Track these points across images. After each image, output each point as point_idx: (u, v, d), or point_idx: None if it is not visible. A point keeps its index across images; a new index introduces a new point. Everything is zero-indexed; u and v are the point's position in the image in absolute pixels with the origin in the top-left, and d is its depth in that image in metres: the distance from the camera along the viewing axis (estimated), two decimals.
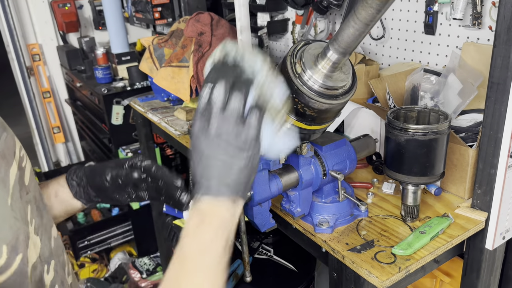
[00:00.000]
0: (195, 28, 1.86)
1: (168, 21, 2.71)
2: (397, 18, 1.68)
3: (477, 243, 1.12)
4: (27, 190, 0.64)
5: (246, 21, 1.31)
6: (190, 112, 1.92)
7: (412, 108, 1.09)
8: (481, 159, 1.06)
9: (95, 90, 2.62)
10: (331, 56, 0.77)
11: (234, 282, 1.42)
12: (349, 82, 0.83)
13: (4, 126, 0.63)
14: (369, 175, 1.32)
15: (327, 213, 1.08)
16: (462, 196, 1.17)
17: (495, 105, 0.99)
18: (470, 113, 1.32)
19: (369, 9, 0.67)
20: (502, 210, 1.06)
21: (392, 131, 1.02)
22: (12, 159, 0.62)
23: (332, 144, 1.06)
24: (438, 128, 0.98)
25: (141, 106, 2.17)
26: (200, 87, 1.85)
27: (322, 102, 0.80)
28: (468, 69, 1.32)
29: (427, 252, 0.98)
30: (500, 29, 0.94)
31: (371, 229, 1.07)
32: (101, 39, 3.55)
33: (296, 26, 2.18)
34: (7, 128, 0.64)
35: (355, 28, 0.71)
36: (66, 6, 3.35)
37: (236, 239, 1.67)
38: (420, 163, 1.01)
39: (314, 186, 1.06)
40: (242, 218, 1.01)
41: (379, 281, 0.91)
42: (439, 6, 1.51)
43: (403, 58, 1.72)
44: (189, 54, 1.86)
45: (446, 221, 1.05)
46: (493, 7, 1.35)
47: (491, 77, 0.98)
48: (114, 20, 2.75)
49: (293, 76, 0.79)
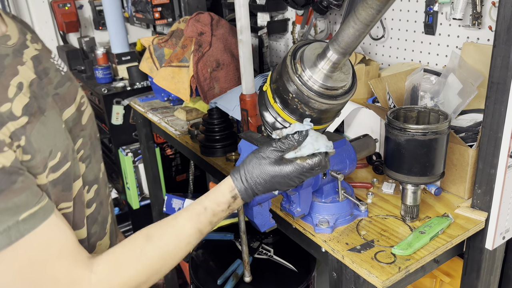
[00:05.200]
0: (195, 28, 1.86)
1: (168, 21, 2.71)
2: (397, 18, 1.68)
3: (477, 243, 1.12)
4: (82, 128, 0.83)
5: (246, 21, 1.31)
6: (190, 112, 1.92)
7: (412, 108, 1.09)
8: (481, 159, 1.06)
9: (95, 90, 2.63)
10: (331, 56, 0.77)
11: (234, 282, 1.42)
12: (349, 82, 0.83)
13: (70, 78, 0.85)
14: (369, 175, 1.32)
15: (327, 213, 1.08)
16: (462, 196, 1.17)
17: (495, 105, 0.99)
18: (470, 113, 1.32)
19: (369, 9, 0.67)
20: (502, 210, 1.07)
21: (392, 131, 1.02)
22: (72, 102, 0.81)
23: None
24: (438, 128, 0.98)
25: (141, 106, 2.17)
26: (200, 87, 1.85)
27: (322, 102, 0.80)
28: (468, 69, 1.32)
29: (427, 252, 0.98)
30: (500, 29, 0.94)
31: (371, 229, 1.07)
32: (101, 39, 3.55)
33: (296, 26, 2.18)
34: (73, 79, 0.85)
35: (355, 29, 0.71)
36: (66, 6, 3.35)
37: (236, 239, 1.67)
38: (420, 163, 1.01)
39: (314, 186, 1.06)
40: (242, 218, 1.01)
41: (379, 281, 0.91)
42: (439, 6, 1.51)
43: (403, 58, 1.72)
44: (189, 54, 1.86)
45: (446, 221, 1.05)
46: (493, 7, 1.35)
47: (491, 77, 0.99)
48: (114, 20, 2.75)
49: (293, 76, 0.79)
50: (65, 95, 0.80)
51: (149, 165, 2.48)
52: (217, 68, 1.86)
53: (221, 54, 1.86)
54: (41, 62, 0.77)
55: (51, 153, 0.70)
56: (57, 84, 0.79)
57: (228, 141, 1.57)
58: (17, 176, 0.64)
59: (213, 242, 1.70)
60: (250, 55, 1.35)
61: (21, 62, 0.72)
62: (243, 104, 1.39)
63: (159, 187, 2.55)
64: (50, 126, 0.71)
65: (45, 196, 0.68)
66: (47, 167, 0.70)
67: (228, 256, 1.57)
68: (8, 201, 0.62)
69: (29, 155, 0.67)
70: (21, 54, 0.73)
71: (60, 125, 0.75)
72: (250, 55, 1.35)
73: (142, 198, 2.75)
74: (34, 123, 0.68)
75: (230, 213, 0.83)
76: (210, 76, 1.85)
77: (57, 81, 0.79)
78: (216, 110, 1.59)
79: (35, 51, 0.77)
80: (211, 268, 1.55)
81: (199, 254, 1.64)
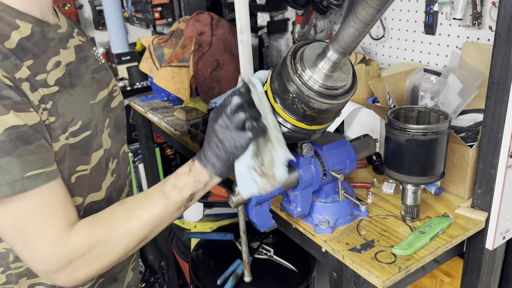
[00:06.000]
0: (195, 28, 1.86)
1: (168, 21, 2.71)
2: (397, 18, 1.68)
3: (477, 243, 1.12)
4: (110, 110, 0.98)
5: (246, 21, 1.31)
6: (190, 112, 1.92)
7: (412, 108, 1.09)
8: (481, 159, 1.06)
9: None
10: (331, 56, 0.77)
11: (234, 282, 1.42)
12: (349, 82, 0.83)
13: (106, 68, 1.02)
14: (369, 175, 1.32)
15: (327, 213, 1.08)
16: (462, 196, 1.17)
17: (495, 105, 0.99)
18: (470, 113, 1.32)
19: (369, 9, 0.67)
20: (502, 210, 1.06)
21: (392, 131, 1.02)
22: (105, 87, 0.97)
23: (332, 144, 1.06)
24: (438, 128, 0.98)
25: (141, 106, 2.17)
26: (200, 87, 1.85)
27: (322, 102, 0.80)
28: (468, 69, 1.32)
29: (427, 252, 0.98)
30: (500, 29, 0.94)
31: (371, 229, 1.07)
32: (101, 39, 3.55)
33: (296, 26, 2.18)
34: (108, 70, 1.03)
35: (355, 28, 0.71)
36: (66, 6, 3.35)
37: (236, 239, 1.67)
38: (420, 163, 1.01)
39: (314, 186, 1.06)
40: (242, 218, 1.01)
41: (379, 281, 0.91)
42: (439, 6, 1.51)
43: (403, 58, 1.72)
44: (189, 54, 1.86)
45: (446, 221, 1.05)
46: (493, 7, 1.35)
47: (491, 77, 0.98)
48: (114, 20, 2.75)
49: (293, 76, 0.79)
50: (100, 80, 0.97)
51: (149, 165, 2.48)
52: (217, 68, 1.86)
53: (221, 54, 1.86)
54: (82, 51, 0.94)
55: (73, 120, 0.84)
56: (94, 70, 0.96)
57: None
58: (34, 139, 0.75)
59: (213, 242, 1.70)
60: (250, 55, 1.35)
61: (65, 47, 0.89)
62: None
63: None
64: (76, 99, 0.85)
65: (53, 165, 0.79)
66: (67, 130, 0.83)
67: (228, 256, 1.57)
68: (21, 157, 0.72)
69: (54, 117, 0.80)
70: (66, 41, 0.90)
71: (88, 101, 0.89)
72: (250, 55, 1.35)
73: None
74: (63, 92, 0.82)
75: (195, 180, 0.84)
76: (210, 76, 1.85)
77: (94, 68, 0.96)
78: None
79: (79, 41, 0.95)
80: (211, 268, 1.55)
81: (199, 254, 1.64)
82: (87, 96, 0.90)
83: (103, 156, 0.94)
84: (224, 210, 2.15)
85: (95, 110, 0.91)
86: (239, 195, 0.92)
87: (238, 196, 0.93)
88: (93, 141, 0.90)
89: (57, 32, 0.88)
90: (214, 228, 1.94)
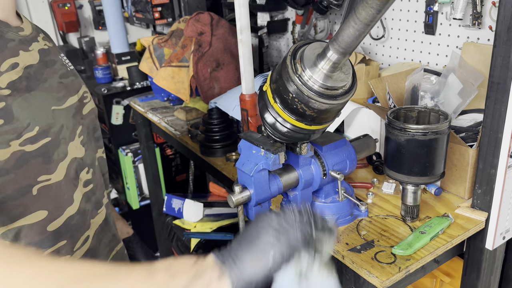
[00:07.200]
0: (195, 28, 1.86)
1: (168, 21, 2.71)
2: (397, 18, 1.68)
3: (477, 243, 1.12)
4: (82, 116, 0.95)
5: (246, 21, 1.31)
6: (190, 112, 1.92)
7: (412, 108, 1.09)
8: (481, 159, 1.06)
9: (95, 90, 2.62)
10: (331, 56, 0.77)
11: None
12: (349, 82, 0.83)
13: (75, 74, 0.98)
14: (369, 175, 1.32)
15: (327, 213, 1.08)
16: (462, 196, 1.17)
17: (495, 105, 0.99)
18: (470, 113, 1.32)
19: (369, 9, 0.67)
20: (502, 210, 1.06)
21: (392, 131, 1.02)
22: (75, 93, 0.94)
23: (332, 144, 1.06)
24: (438, 128, 0.98)
25: (141, 106, 2.17)
26: (200, 87, 1.85)
27: (322, 102, 0.80)
28: (468, 69, 1.32)
29: (427, 252, 0.98)
30: (500, 29, 0.94)
31: (371, 229, 1.07)
32: (101, 39, 3.55)
33: (296, 26, 2.18)
34: (77, 76, 0.99)
35: (355, 28, 0.71)
36: (66, 6, 3.35)
37: None
38: (420, 163, 1.00)
39: (314, 186, 1.06)
40: (242, 218, 1.01)
41: (379, 281, 0.91)
42: (439, 6, 1.51)
43: (403, 58, 1.72)
44: (189, 54, 1.86)
45: (446, 221, 1.05)
46: (493, 7, 1.34)
47: (491, 77, 0.98)
48: (114, 20, 2.74)
49: (293, 76, 0.79)
50: (69, 85, 0.93)
51: (149, 165, 2.48)
52: (217, 68, 1.86)
53: (221, 54, 1.86)
54: (48, 55, 0.91)
55: (29, 126, 0.80)
56: (62, 75, 0.93)
57: (228, 141, 1.56)
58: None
59: (213, 242, 1.70)
60: (250, 55, 1.35)
61: (26, 49, 0.85)
62: (243, 104, 1.39)
63: (159, 187, 2.55)
64: (33, 103, 0.82)
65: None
66: (22, 136, 0.79)
67: None
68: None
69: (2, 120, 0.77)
70: (29, 44, 0.86)
71: (48, 106, 0.85)
72: (250, 55, 1.35)
73: (142, 198, 2.75)
74: (15, 96, 0.79)
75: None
76: (210, 76, 1.85)
77: (62, 73, 0.93)
78: (216, 110, 1.59)
79: (45, 46, 0.92)
80: None
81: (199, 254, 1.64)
82: (48, 101, 0.85)
83: (71, 165, 0.89)
84: (224, 210, 2.15)
85: (59, 116, 0.86)
86: (239, 195, 0.92)
87: (238, 196, 0.93)
88: (56, 149, 0.85)
89: (18, 34, 0.85)
90: (214, 228, 1.94)
